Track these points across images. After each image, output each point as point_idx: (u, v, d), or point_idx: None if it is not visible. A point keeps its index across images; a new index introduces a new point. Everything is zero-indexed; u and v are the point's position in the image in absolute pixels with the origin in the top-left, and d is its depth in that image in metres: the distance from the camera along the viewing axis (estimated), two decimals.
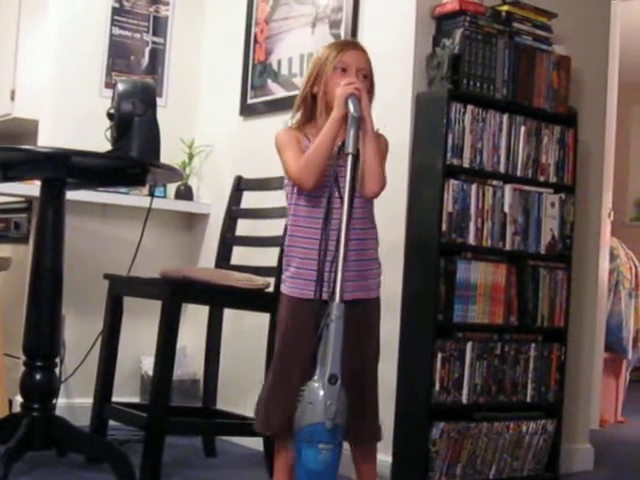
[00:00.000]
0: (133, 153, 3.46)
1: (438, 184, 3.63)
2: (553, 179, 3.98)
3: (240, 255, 4.26)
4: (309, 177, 2.89)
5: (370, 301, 2.99)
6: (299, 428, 2.64)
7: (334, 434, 2.62)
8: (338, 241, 2.71)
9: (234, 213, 4.30)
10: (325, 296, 2.74)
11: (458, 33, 3.72)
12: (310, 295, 2.83)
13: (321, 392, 2.61)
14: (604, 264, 5.59)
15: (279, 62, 4.57)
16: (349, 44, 3.13)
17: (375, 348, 3.02)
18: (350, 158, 2.77)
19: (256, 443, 4.01)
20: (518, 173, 3.87)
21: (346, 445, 2.96)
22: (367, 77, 3.01)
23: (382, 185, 2.93)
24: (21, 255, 4.53)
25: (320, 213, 2.86)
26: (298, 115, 3.07)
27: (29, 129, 5.20)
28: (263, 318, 3.79)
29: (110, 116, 3.54)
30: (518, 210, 3.85)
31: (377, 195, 2.94)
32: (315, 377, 2.64)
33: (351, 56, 3.01)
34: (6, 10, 5.82)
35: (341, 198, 2.76)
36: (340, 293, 2.66)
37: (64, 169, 3.52)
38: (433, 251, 3.64)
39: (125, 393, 4.45)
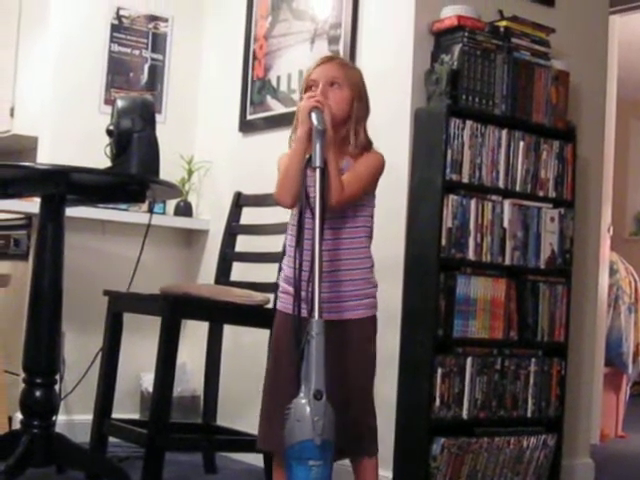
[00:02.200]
0: (132, 170, 3.46)
1: (437, 199, 3.63)
2: (552, 194, 3.98)
3: (240, 271, 4.26)
4: (285, 196, 2.90)
5: (348, 322, 2.92)
6: (288, 446, 2.61)
7: (324, 450, 2.59)
8: (312, 256, 2.70)
9: (233, 229, 4.30)
10: (304, 313, 2.73)
11: (457, 49, 3.73)
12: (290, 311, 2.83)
13: (308, 408, 2.58)
14: (604, 279, 5.59)
15: (278, 78, 4.58)
16: (319, 61, 3.04)
17: (362, 366, 2.94)
18: (318, 172, 2.76)
19: (256, 459, 4.00)
20: (517, 188, 3.87)
21: (345, 462, 2.97)
22: (340, 85, 2.94)
23: (338, 197, 2.83)
24: (21, 272, 4.53)
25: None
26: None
27: (28, 146, 5.21)
28: (263, 334, 3.78)
29: (109, 133, 3.54)
30: (517, 225, 3.85)
31: (333, 208, 2.83)
32: (301, 394, 2.62)
33: (318, 71, 2.96)
34: (5, 27, 5.82)
35: (312, 212, 2.75)
36: (319, 309, 2.64)
37: (64, 186, 3.52)
38: (433, 266, 3.64)
39: (125, 410, 4.44)
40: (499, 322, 3.79)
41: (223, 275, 4.23)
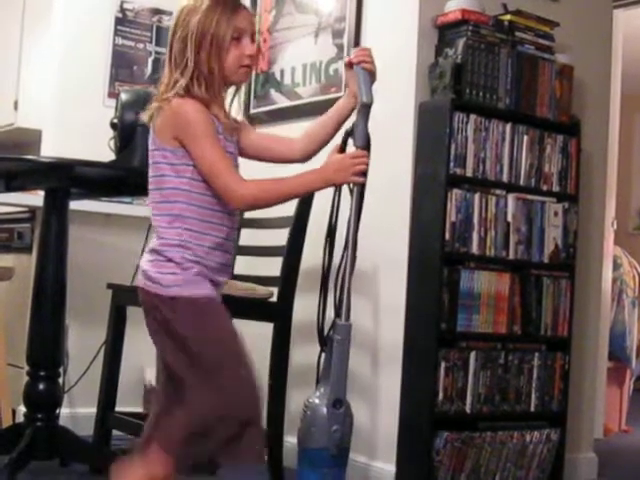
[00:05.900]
0: (136, 163, 3.46)
1: (441, 194, 3.63)
2: (556, 188, 3.98)
3: (243, 265, 4.25)
4: (260, 205, 2.65)
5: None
6: (302, 448, 2.49)
7: (340, 457, 2.49)
8: (345, 245, 2.53)
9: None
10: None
11: (461, 42, 3.72)
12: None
13: (325, 417, 2.44)
14: (607, 273, 5.58)
15: (282, 72, 4.57)
16: (238, 3, 2.51)
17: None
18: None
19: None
20: (521, 182, 3.87)
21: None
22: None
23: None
24: (24, 265, 4.53)
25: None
26: (198, 90, 2.48)
27: (32, 139, 5.21)
28: (266, 327, 3.79)
29: (113, 126, 3.55)
30: (521, 219, 3.85)
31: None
32: (317, 394, 2.47)
33: (245, 19, 2.47)
34: (10, 20, 5.83)
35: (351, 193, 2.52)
36: (346, 311, 2.46)
37: (67, 179, 3.53)
38: (436, 261, 3.63)
39: (128, 403, 4.44)
40: (503, 316, 3.79)
41: None
